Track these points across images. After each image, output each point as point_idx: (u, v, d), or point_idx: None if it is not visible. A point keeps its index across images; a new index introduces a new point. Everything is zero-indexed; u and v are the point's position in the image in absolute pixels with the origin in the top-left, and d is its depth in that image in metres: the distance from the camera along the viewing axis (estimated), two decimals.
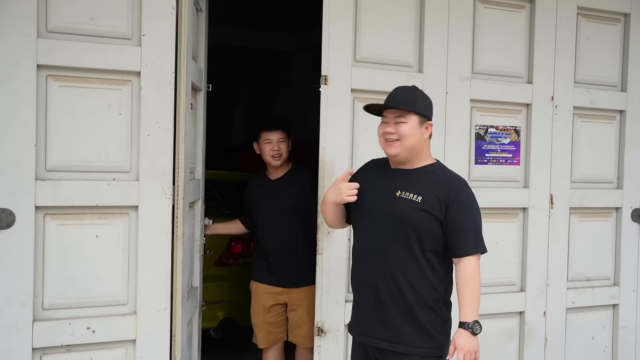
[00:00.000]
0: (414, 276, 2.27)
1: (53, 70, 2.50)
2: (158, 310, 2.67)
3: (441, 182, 2.31)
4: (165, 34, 2.65)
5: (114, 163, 2.61)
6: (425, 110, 2.34)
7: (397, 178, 2.36)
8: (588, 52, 3.60)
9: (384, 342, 2.30)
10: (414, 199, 2.27)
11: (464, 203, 2.28)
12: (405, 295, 2.27)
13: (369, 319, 2.34)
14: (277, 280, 3.32)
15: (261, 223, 3.38)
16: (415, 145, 2.31)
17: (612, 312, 3.72)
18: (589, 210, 3.64)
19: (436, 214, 2.25)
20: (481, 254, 2.30)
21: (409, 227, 2.27)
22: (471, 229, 2.28)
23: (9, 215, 2.42)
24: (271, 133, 3.27)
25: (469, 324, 2.19)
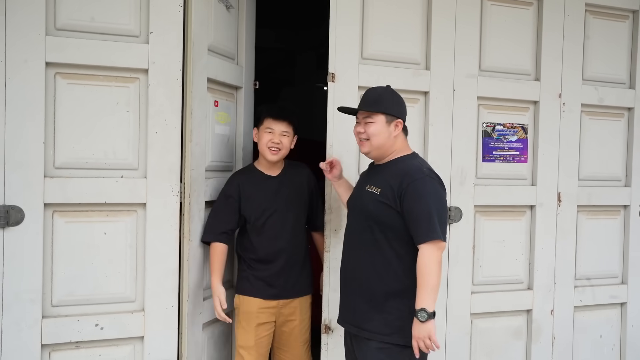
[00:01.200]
0: (380, 265, 2.39)
1: (61, 68, 2.51)
2: (166, 307, 2.67)
3: (398, 173, 2.40)
4: (172, 32, 2.65)
5: (121, 160, 2.62)
6: (390, 109, 2.45)
7: (371, 173, 2.56)
8: (596, 49, 3.58)
9: (354, 328, 2.47)
10: (374, 192, 2.42)
11: (417, 192, 2.33)
12: (372, 284, 2.40)
13: (343, 305, 2.56)
14: (276, 292, 2.85)
15: (257, 226, 2.83)
16: (384, 144, 2.46)
17: (620, 311, 3.71)
18: (597, 208, 3.62)
19: (391, 204, 2.36)
20: (442, 242, 2.32)
21: (371, 219, 2.41)
22: (423, 218, 2.31)
23: (18, 212, 2.43)
24: (275, 122, 2.82)
25: (416, 311, 2.26)
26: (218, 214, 2.81)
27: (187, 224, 2.68)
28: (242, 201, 2.81)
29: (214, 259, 2.76)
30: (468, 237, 3.25)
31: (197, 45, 2.70)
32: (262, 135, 2.84)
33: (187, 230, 2.69)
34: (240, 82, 3.14)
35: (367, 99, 2.49)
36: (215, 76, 2.86)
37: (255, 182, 2.85)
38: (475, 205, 3.27)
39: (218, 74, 2.90)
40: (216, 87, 2.93)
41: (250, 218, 2.83)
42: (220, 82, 2.94)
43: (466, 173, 3.24)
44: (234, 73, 3.08)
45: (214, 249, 2.77)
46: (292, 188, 2.92)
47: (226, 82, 3.00)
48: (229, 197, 2.82)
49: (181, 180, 2.68)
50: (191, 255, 2.72)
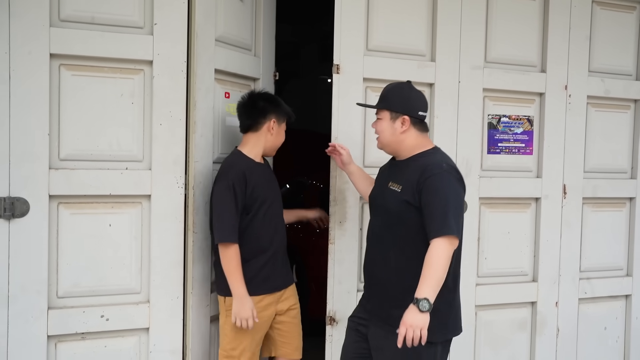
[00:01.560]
0: (403, 262, 2.37)
1: (66, 60, 2.51)
2: (171, 299, 2.68)
3: (417, 168, 2.36)
4: (176, 23, 2.64)
5: (126, 152, 2.62)
6: (394, 105, 2.43)
7: (392, 170, 2.52)
8: (603, 40, 3.56)
9: (377, 320, 2.45)
10: (396, 189, 2.40)
11: (433, 187, 2.29)
12: (395, 278, 2.39)
13: (368, 297, 2.54)
14: (280, 282, 2.77)
15: (263, 218, 2.69)
16: (390, 140, 2.46)
17: (625, 303, 3.71)
18: (602, 201, 3.61)
19: (411, 201, 2.33)
20: (455, 237, 2.27)
21: (393, 217, 2.40)
22: (437, 213, 2.27)
23: (23, 204, 2.43)
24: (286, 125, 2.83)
25: (418, 299, 2.16)
26: (232, 210, 2.58)
27: (191, 216, 2.69)
28: (247, 191, 2.62)
29: (237, 261, 2.57)
30: (473, 229, 3.24)
31: (201, 37, 2.69)
32: (282, 133, 2.78)
33: (192, 222, 2.69)
34: (257, 73, 3.12)
35: (380, 95, 2.51)
36: (225, 67, 2.85)
37: (255, 170, 2.68)
38: (481, 197, 3.27)
39: (229, 65, 2.88)
40: (227, 78, 2.91)
41: (253, 207, 2.65)
42: (231, 73, 2.92)
43: (471, 165, 3.23)
44: (249, 64, 3.06)
45: (234, 250, 2.57)
46: (274, 177, 2.86)
47: (239, 74, 2.98)
48: (238, 189, 2.59)
49: (186, 172, 2.68)
50: (196, 248, 2.72)
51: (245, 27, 3.06)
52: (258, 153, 2.74)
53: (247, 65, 3.05)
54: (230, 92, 2.92)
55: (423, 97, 2.50)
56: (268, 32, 3.23)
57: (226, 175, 2.60)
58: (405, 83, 2.52)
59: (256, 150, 2.73)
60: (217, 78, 2.83)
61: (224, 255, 2.57)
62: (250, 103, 2.73)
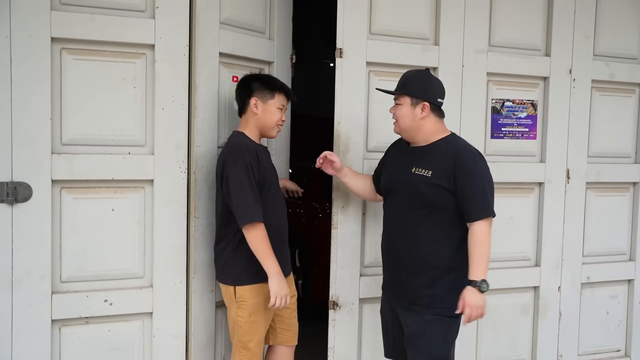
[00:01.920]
0: (432, 244, 2.47)
1: (67, 44, 2.49)
2: (174, 283, 2.69)
3: (448, 154, 2.46)
4: (178, 6, 2.62)
5: (129, 137, 2.61)
6: (415, 91, 2.49)
7: (413, 155, 2.56)
8: (608, 24, 3.52)
9: (406, 302, 2.53)
10: (426, 174, 2.46)
11: (470, 171, 2.43)
12: (425, 261, 2.48)
13: (394, 282, 2.61)
14: (287, 270, 2.69)
15: (272, 200, 2.62)
16: (410, 126, 2.51)
17: (627, 287, 3.71)
18: (606, 185, 3.60)
19: (446, 186, 2.43)
20: (492, 218, 2.46)
21: (424, 201, 2.47)
22: (478, 196, 2.42)
23: (26, 189, 2.43)
24: (287, 101, 2.71)
25: (477, 282, 2.36)
26: (254, 189, 2.49)
27: (192, 201, 2.68)
28: (261, 171, 2.54)
29: (266, 240, 2.47)
30: None
31: (203, 20, 2.67)
32: (273, 110, 2.63)
33: (193, 207, 2.68)
34: (271, 56, 3.07)
35: (399, 81, 2.56)
36: (231, 51, 2.82)
37: (262, 152, 2.63)
38: None
39: (236, 48, 2.85)
40: (236, 62, 2.88)
41: (262, 190, 2.54)
42: (240, 56, 2.89)
43: None
44: (261, 47, 3.02)
45: (262, 229, 2.47)
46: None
47: (250, 57, 2.94)
48: (255, 169, 2.50)
49: (189, 157, 2.67)
50: (198, 233, 2.72)
51: (258, 10, 3.01)
52: (256, 135, 2.66)
53: (258, 48, 3.00)
54: (240, 76, 2.85)
55: (441, 85, 2.59)
56: (284, 14, 3.16)
57: (241, 155, 2.50)
58: (425, 70, 2.60)
59: (253, 132, 2.65)
60: (224, 62, 2.81)
61: (255, 236, 2.45)
62: (238, 85, 2.70)
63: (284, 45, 3.17)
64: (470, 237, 2.42)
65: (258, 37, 3.02)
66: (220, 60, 2.79)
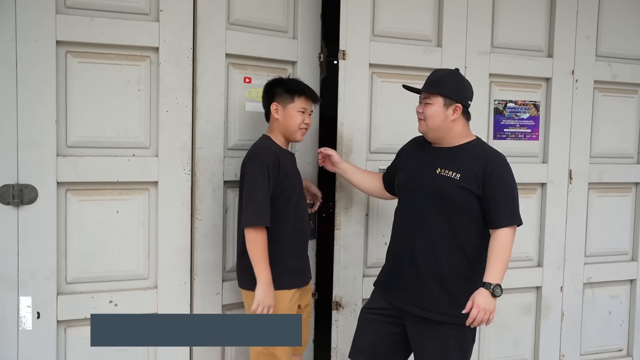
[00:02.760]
0: (451, 248, 2.40)
1: (72, 47, 2.50)
2: (178, 284, 2.71)
3: (478, 158, 2.41)
4: (182, 9, 2.64)
5: (133, 139, 2.63)
6: (451, 92, 2.42)
7: (437, 156, 2.48)
8: (610, 24, 3.53)
9: (419, 309, 2.43)
10: (453, 177, 2.39)
11: (500, 177, 2.38)
12: (443, 266, 2.39)
13: (407, 286, 2.47)
14: (304, 278, 2.68)
15: (293, 206, 2.59)
16: (440, 126, 2.44)
17: (630, 287, 3.72)
18: (608, 186, 3.61)
19: (474, 190, 2.37)
20: (517, 226, 2.40)
21: (449, 204, 2.39)
22: (507, 202, 2.37)
23: (32, 191, 2.45)
24: (310, 103, 2.65)
25: (492, 285, 2.27)
26: (266, 192, 2.46)
27: (196, 202, 2.70)
28: (280, 176, 2.51)
29: (263, 247, 2.44)
30: None
31: (205, 22, 2.68)
32: (293, 114, 2.60)
33: (196, 209, 2.70)
34: (292, 56, 2.99)
35: (430, 79, 2.48)
36: (242, 52, 2.80)
37: (285, 157, 2.60)
38: None
39: (247, 49, 2.83)
40: (249, 62, 2.86)
41: (284, 195, 2.53)
42: (254, 57, 2.86)
43: None
44: (280, 47, 2.96)
45: (262, 235, 2.43)
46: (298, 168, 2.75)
47: (266, 57, 2.90)
48: (272, 172, 2.48)
49: (193, 159, 2.69)
50: (200, 234, 2.74)
51: (278, 9, 2.97)
52: (281, 140, 2.64)
53: (277, 47, 2.94)
54: (254, 77, 2.86)
55: (471, 87, 2.54)
56: (309, 12, 3.06)
57: (260, 157, 2.49)
58: (457, 70, 2.52)
59: (279, 137, 2.64)
60: (234, 63, 2.80)
61: (254, 240, 2.42)
62: (263, 91, 2.70)
63: (309, 44, 3.06)
64: (494, 242, 2.35)
65: (278, 36, 2.96)
66: (230, 62, 2.79)
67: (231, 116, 2.83)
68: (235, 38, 2.78)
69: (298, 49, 3.01)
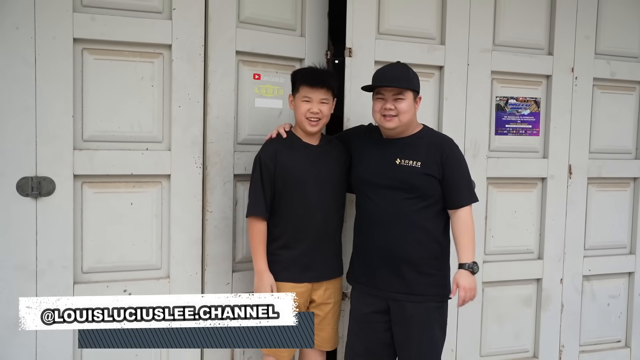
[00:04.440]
0: (422, 234, 2.53)
1: (88, 44, 2.59)
2: (190, 275, 2.79)
3: (434, 145, 2.56)
4: (194, 8, 2.73)
5: (146, 133, 2.71)
6: (417, 86, 2.59)
7: (394, 147, 2.59)
8: (609, 23, 3.61)
9: (400, 295, 2.55)
10: (415, 165, 2.52)
11: (456, 160, 2.57)
12: (415, 252, 2.52)
13: (384, 275, 2.57)
14: (313, 274, 2.64)
15: (295, 199, 2.59)
16: (410, 120, 2.56)
17: (628, 280, 3.79)
18: (607, 180, 3.69)
19: (435, 175, 2.52)
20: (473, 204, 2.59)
21: (414, 191, 2.52)
22: (464, 183, 2.57)
23: (50, 183, 2.53)
24: (313, 90, 2.57)
25: (469, 264, 2.48)
26: (258, 184, 2.56)
27: (207, 195, 2.79)
28: (277, 169, 2.56)
29: (258, 237, 2.56)
30: (481, 208, 3.33)
31: (216, 20, 2.77)
32: (298, 104, 2.59)
33: (207, 201, 2.79)
34: (300, 53, 3.06)
35: (397, 76, 2.53)
36: (252, 49, 2.88)
37: (294, 148, 2.62)
38: (488, 177, 3.35)
39: (256, 46, 2.91)
40: (258, 59, 2.94)
41: (285, 187, 2.57)
42: (263, 54, 2.94)
43: (479, 146, 3.31)
44: (289, 44, 3.03)
45: (257, 225, 2.56)
46: (333, 158, 2.69)
47: (275, 54, 2.98)
48: (264, 165, 2.56)
49: (204, 153, 2.77)
50: (211, 226, 2.82)
51: (286, 7, 3.05)
52: (301, 132, 2.66)
53: (286, 45, 3.02)
54: (263, 74, 2.92)
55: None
56: (317, 11, 3.14)
57: (260, 151, 2.63)
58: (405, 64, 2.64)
59: (297, 129, 2.69)
60: (244, 60, 2.89)
61: (249, 230, 2.61)
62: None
63: (316, 41, 3.14)
64: (457, 222, 2.53)
65: (286, 34, 3.04)
66: (240, 59, 2.88)
67: (241, 112, 2.91)
68: (245, 36, 2.87)
69: (306, 47, 3.09)
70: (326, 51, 3.18)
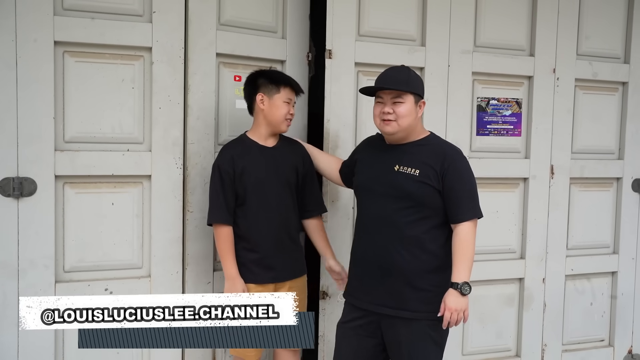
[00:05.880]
0: (417, 246, 2.39)
1: (69, 47, 2.63)
2: (171, 274, 2.83)
3: (435, 153, 2.42)
4: (174, 11, 2.77)
5: (127, 135, 2.75)
6: (418, 89, 2.46)
7: (394, 154, 2.48)
8: (591, 24, 3.64)
9: (390, 309, 2.42)
10: (412, 173, 2.39)
11: (458, 171, 2.39)
12: (409, 263, 2.38)
13: (375, 288, 2.46)
14: (274, 274, 2.70)
15: (255, 202, 2.65)
16: (410, 124, 2.43)
17: (611, 279, 3.82)
18: (590, 181, 3.72)
19: (434, 185, 2.37)
20: (477, 219, 2.41)
21: (410, 200, 2.38)
22: (466, 196, 2.39)
23: (31, 183, 2.57)
24: (294, 94, 2.71)
25: (459, 284, 2.29)
26: (218, 191, 2.63)
27: (187, 196, 2.83)
28: (236, 173, 2.63)
29: (227, 243, 2.63)
30: None
31: (196, 23, 2.81)
32: (279, 104, 2.65)
33: (188, 202, 2.83)
34: (281, 55, 3.09)
35: (397, 78, 2.42)
36: (232, 51, 2.92)
37: (250, 153, 2.67)
38: None
39: (237, 48, 2.94)
40: (238, 61, 2.97)
41: (245, 192, 2.64)
42: (244, 56, 2.97)
43: (461, 146, 3.22)
44: (270, 46, 3.06)
45: (223, 232, 2.63)
46: (288, 162, 2.74)
47: (256, 56, 3.01)
48: (224, 172, 2.62)
49: (185, 154, 2.82)
50: (192, 226, 2.86)
51: (268, 10, 3.08)
52: (263, 134, 2.71)
53: (267, 47, 3.05)
54: (244, 76, 2.89)
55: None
56: (297, 13, 3.17)
57: (217, 158, 2.69)
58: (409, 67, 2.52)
59: (260, 130, 2.71)
60: (225, 62, 2.93)
61: (216, 237, 2.66)
62: (245, 83, 2.75)
63: (298, 43, 3.17)
64: (456, 238, 2.35)
65: (267, 36, 3.07)
66: (221, 61, 2.92)
67: (222, 113, 2.95)
68: (225, 38, 2.91)
69: (287, 49, 3.13)
70: (307, 53, 3.21)
